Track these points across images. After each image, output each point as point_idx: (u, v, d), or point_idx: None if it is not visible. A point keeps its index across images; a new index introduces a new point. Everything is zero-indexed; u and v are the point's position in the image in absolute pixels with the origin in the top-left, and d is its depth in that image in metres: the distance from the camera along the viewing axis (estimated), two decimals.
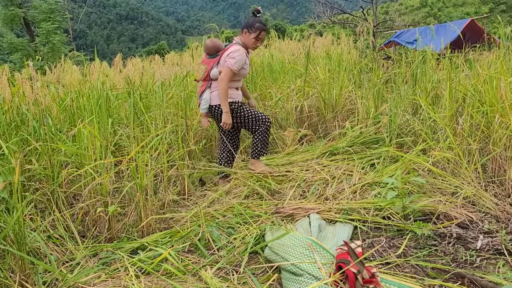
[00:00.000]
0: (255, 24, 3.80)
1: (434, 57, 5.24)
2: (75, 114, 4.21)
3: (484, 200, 3.05)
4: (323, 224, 2.88)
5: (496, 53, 4.04)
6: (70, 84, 5.48)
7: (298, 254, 2.35)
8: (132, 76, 5.69)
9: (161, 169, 3.69)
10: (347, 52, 6.89)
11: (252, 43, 3.86)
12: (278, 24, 54.73)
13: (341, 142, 4.56)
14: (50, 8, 18.30)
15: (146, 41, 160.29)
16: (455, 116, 3.76)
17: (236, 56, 3.77)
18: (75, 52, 10.90)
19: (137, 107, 4.33)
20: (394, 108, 4.32)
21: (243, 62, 3.83)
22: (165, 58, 8.80)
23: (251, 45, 3.89)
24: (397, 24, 17.94)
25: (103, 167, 3.20)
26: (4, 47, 19.31)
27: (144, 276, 2.50)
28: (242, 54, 3.82)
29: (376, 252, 2.63)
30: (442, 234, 2.77)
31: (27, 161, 3.41)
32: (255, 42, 3.86)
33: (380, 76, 5.66)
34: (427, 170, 3.57)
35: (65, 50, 18.27)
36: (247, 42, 3.87)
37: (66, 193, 3.32)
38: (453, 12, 53.60)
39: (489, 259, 2.45)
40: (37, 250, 2.77)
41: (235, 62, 3.76)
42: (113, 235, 3.09)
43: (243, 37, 3.89)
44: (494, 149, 3.29)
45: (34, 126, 3.39)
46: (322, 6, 18.14)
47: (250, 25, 3.81)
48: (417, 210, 3.00)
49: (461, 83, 4.10)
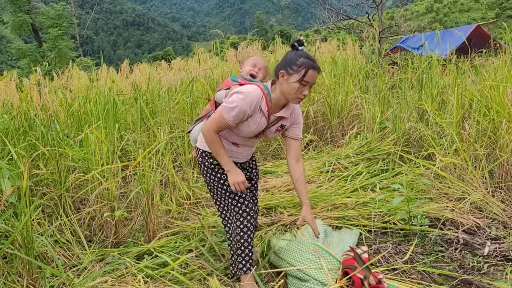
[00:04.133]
0: (297, 60, 2.28)
1: (440, 62, 5.23)
2: (83, 120, 4.24)
3: (491, 206, 3.04)
4: (329, 230, 2.88)
5: (502, 58, 4.03)
6: (78, 90, 5.53)
7: (304, 259, 2.35)
8: (139, 82, 5.73)
9: (168, 174, 3.71)
10: (352, 58, 6.90)
11: (295, 91, 2.28)
12: (284, 30, 54.88)
13: (347, 150, 4.57)
14: (57, 14, 18.47)
15: (152, 47, 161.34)
16: (462, 121, 3.75)
17: (236, 102, 2.27)
18: (83, 58, 10.99)
19: (143, 112, 4.35)
20: (399, 113, 4.32)
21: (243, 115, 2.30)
22: (171, 64, 8.85)
23: (293, 94, 2.30)
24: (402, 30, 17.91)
25: (110, 172, 3.22)
26: (13, 53, 19.51)
27: (151, 281, 2.50)
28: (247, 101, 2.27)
29: (382, 258, 2.62)
30: (449, 240, 2.76)
31: (35, 166, 3.43)
32: (299, 90, 2.28)
33: (386, 82, 5.66)
34: (433, 176, 3.56)
35: (71, 55, 18.43)
36: (286, 90, 2.31)
37: (73, 197, 3.34)
38: (459, 17, 53.50)
39: (497, 266, 2.43)
40: (44, 255, 2.79)
41: (232, 110, 2.27)
42: (119, 239, 3.11)
43: (280, 83, 2.34)
44: (501, 155, 3.28)
45: (42, 131, 3.42)
46: (327, 11, 18.16)
47: (289, 62, 2.31)
48: (423, 216, 2.99)
49: (467, 88, 4.09)
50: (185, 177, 4.05)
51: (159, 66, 8.38)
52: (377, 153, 4.38)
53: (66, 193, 3.28)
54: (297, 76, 2.26)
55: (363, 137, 4.83)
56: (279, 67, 2.36)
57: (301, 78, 2.26)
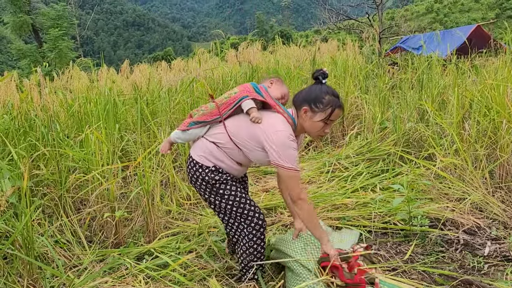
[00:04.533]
0: (323, 98, 2.17)
1: (440, 63, 5.23)
2: (83, 120, 4.24)
3: (492, 206, 3.04)
4: (329, 230, 2.88)
5: (503, 59, 4.03)
6: (78, 90, 5.53)
7: (298, 248, 2.34)
8: (139, 82, 5.73)
9: (168, 174, 3.71)
10: (352, 58, 6.90)
11: (318, 129, 2.21)
12: (284, 30, 54.87)
13: (347, 150, 4.57)
14: (58, 15, 18.46)
15: (152, 47, 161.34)
16: (462, 122, 3.75)
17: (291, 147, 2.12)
18: (83, 58, 11.00)
19: (143, 113, 4.35)
20: (400, 113, 4.32)
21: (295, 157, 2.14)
22: (172, 64, 8.84)
23: (315, 132, 2.23)
24: (403, 30, 17.92)
25: (110, 172, 3.23)
26: (13, 53, 19.51)
27: (151, 282, 2.51)
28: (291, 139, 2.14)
29: (382, 258, 2.62)
30: (449, 240, 2.76)
31: (35, 166, 3.43)
32: (323, 128, 2.21)
33: (386, 82, 5.66)
34: (433, 177, 3.56)
35: (72, 56, 18.43)
36: (309, 127, 2.22)
37: (73, 198, 3.34)
38: (460, 17, 53.45)
39: (497, 266, 2.43)
40: (44, 255, 2.79)
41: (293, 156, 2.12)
42: (120, 240, 3.11)
43: (302, 118, 2.23)
44: (502, 155, 3.27)
45: (42, 132, 3.42)
46: (327, 12, 18.17)
47: (314, 99, 2.18)
48: (424, 216, 2.99)
49: (467, 89, 4.09)
50: (185, 177, 4.05)
51: (159, 67, 8.36)
52: (377, 153, 4.38)
53: (66, 194, 3.28)
54: (323, 115, 2.16)
55: (364, 137, 4.84)
56: (302, 100, 2.21)
57: (327, 117, 2.16)
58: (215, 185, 2.27)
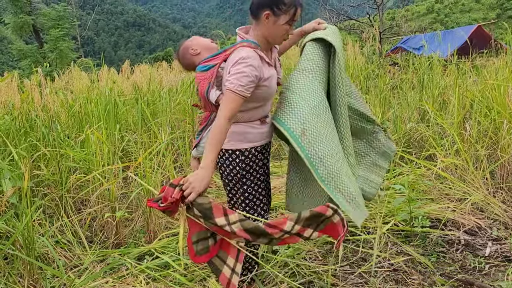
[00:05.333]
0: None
1: (441, 63, 5.23)
2: (83, 120, 4.24)
3: (493, 207, 3.03)
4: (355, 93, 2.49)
5: (503, 59, 4.03)
6: (79, 90, 5.53)
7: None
8: (140, 83, 5.74)
9: (168, 175, 3.71)
10: (353, 58, 6.90)
11: (283, 33, 2.02)
12: None
13: None
14: (58, 15, 18.49)
15: (153, 48, 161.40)
16: (463, 122, 3.75)
17: (243, 69, 1.88)
18: (84, 58, 11.01)
19: (144, 113, 4.36)
20: (400, 113, 4.32)
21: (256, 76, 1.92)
22: (172, 65, 8.85)
23: (280, 36, 2.03)
24: (403, 30, 17.95)
25: (110, 172, 3.23)
26: (14, 54, 19.53)
27: (152, 282, 2.51)
28: (253, 62, 1.89)
29: (383, 259, 2.61)
30: (450, 240, 2.75)
31: (36, 166, 3.44)
32: (286, 30, 2.02)
33: (387, 82, 5.66)
34: (434, 177, 3.56)
35: (72, 56, 18.45)
36: (273, 33, 2.01)
37: (74, 198, 3.34)
38: (460, 18, 53.46)
39: (498, 266, 2.43)
40: (45, 255, 2.79)
41: (242, 79, 1.87)
42: (120, 240, 3.11)
43: (262, 24, 1.99)
44: (502, 155, 3.27)
45: (43, 132, 3.42)
46: (328, 12, 18.19)
47: (276, 1, 1.95)
48: (425, 216, 2.98)
49: (468, 89, 4.09)
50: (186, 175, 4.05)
51: (160, 67, 8.37)
52: None
53: (67, 194, 3.28)
54: (287, 17, 1.98)
55: None
56: (260, 5, 1.97)
57: (291, 18, 1.99)
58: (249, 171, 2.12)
